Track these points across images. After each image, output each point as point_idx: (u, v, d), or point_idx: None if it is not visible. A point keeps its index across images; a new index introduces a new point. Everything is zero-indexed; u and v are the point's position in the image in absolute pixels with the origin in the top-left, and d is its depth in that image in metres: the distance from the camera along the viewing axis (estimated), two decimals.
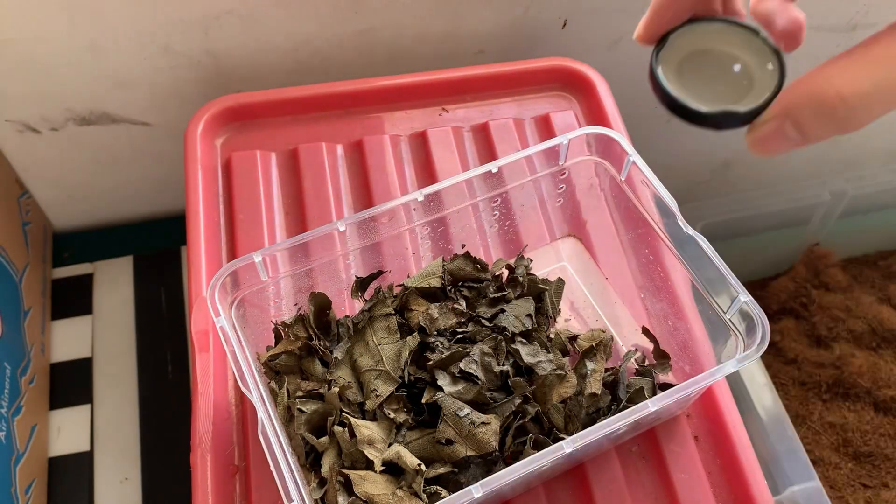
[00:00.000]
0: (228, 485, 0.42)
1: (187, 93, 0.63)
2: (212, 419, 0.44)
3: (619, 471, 0.44)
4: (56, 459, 0.61)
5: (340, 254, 0.45)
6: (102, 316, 0.68)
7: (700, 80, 0.30)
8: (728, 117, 0.29)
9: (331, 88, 0.58)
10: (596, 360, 0.42)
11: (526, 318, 0.45)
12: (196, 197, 0.52)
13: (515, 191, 0.48)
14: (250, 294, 0.43)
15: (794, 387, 0.73)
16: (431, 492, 0.38)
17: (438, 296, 0.46)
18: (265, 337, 0.45)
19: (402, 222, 0.45)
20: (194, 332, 0.42)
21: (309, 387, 0.41)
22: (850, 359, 0.73)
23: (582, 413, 0.41)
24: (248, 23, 0.58)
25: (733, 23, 0.30)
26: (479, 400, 0.40)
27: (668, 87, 0.30)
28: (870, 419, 0.69)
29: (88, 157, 0.67)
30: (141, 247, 0.72)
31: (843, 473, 0.67)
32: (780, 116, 0.27)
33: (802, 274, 0.82)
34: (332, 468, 0.39)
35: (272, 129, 0.57)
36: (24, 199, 0.67)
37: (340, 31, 0.61)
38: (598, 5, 0.65)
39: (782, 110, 0.27)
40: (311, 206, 0.53)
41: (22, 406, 0.58)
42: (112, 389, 0.65)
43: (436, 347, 0.42)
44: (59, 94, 0.60)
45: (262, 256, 0.41)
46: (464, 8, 0.62)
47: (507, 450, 0.40)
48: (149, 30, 0.57)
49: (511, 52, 0.67)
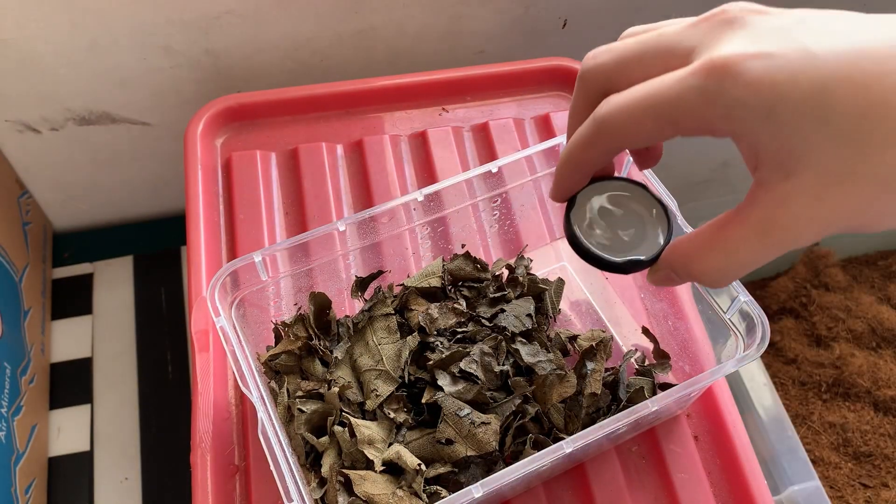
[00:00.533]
0: (228, 485, 0.42)
1: (187, 93, 0.63)
2: (212, 419, 0.44)
3: (619, 471, 0.44)
4: (56, 459, 0.61)
5: (340, 254, 0.45)
6: (102, 316, 0.68)
7: (607, 230, 0.36)
8: (635, 264, 0.35)
9: (331, 88, 0.58)
10: (596, 360, 0.42)
11: (526, 317, 0.45)
12: (196, 197, 0.52)
13: (515, 191, 0.48)
14: (250, 294, 0.43)
15: (794, 387, 0.73)
16: (431, 492, 0.38)
17: (438, 296, 0.46)
18: (265, 337, 0.45)
19: (402, 222, 0.45)
20: (194, 332, 0.42)
21: (309, 387, 0.41)
22: (850, 359, 0.73)
23: (582, 413, 0.41)
24: (248, 23, 0.58)
25: (626, 180, 0.37)
26: (480, 400, 0.40)
27: (584, 241, 0.35)
28: (870, 419, 0.69)
29: (88, 157, 0.67)
30: (141, 247, 0.72)
31: (843, 473, 0.67)
32: (666, 269, 0.33)
33: (802, 274, 0.82)
34: (333, 468, 0.39)
35: (272, 129, 0.57)
36: (24, 199, 0.67)
37: (340, 31, 0.61)
38: (598, 5, 0.65)
39: (667, 265, 0.33)
40: (311, 206, 0.53)
41: (22, 406, 0.58)
42: (112, 389, 0.65)
43: (436, 347, 0.42)
44: (59, 93, 0.60)
45: (262, 256, 0.41)
46: (464, 8, 0.62)
47: (506, 450, 0.40)
48: (149, 30, 0.57)
49: (511, 52, 0.67)
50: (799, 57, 0.25)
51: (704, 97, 0.26)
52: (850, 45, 0.25)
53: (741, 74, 0.25)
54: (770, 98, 0.25)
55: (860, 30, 0.25)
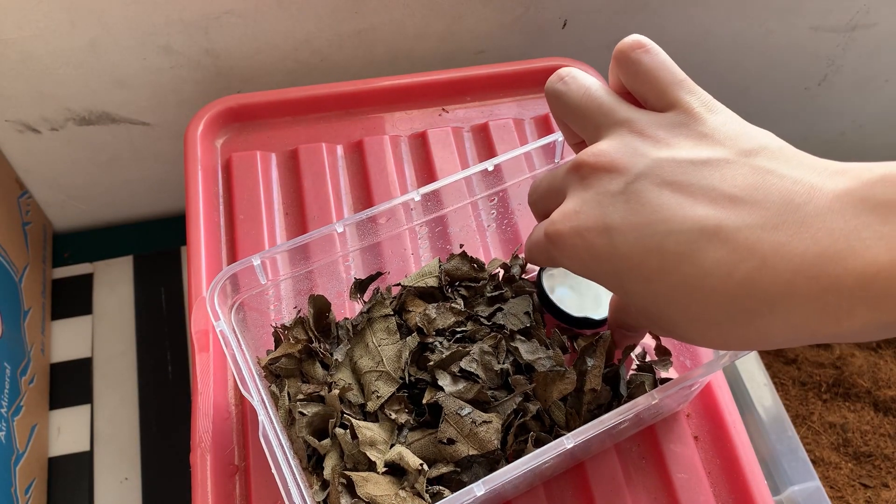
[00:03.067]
0: (228, 485, 0.42)
1: (187, 93, 0.63)
2: (212, 419, 0.44)
3: (619, 470, 0.44)
4: (56, 459, 0.61)
5: (339, 255, 0.45)
6: (102, 316, 0.68)
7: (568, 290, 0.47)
8: (588, 322, 0.45)
9: (331, 89, 0.58)
10: (595, 356, 0.42)
11: (524, 315, 0.45)
12: (196, 197, 0.52)
13: (513, 189, 0.48)
14: (249, 297, 0.43)
15: (794, 387, 0.73)
16: (434, 492, 0.38)
17: (436, 296, 0.46)
18: (265, 340, 0.45)
19: (401, 222, 0.45)
20: (194, 332, 0.42)
21: (309, 389, 0.41)
22: (850, 359, 0.73)
23: (583, 409, 0.41)
24: (248, 23, 0.58)
25: None
26: (481, 399, 0.40)
27: (552, 297, 0.46)
28: (870, 419, 0.69)
29: (88, 157, 0.67)
30: (141, 247, 0.72)
31: (843, 473, 0.67)
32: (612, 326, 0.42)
33: None
34: (335, 470, 0.39)
35: (272, 130, 0.57)
36: (24, 199, 0.67)
37: (340, 31, 0.61)
38: (598, 5, 0.65)
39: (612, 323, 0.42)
40: (311, 207, 0.53)
41: (22, 406, 0.58)
42: (112, 389, 0.65)
43: (435, 348, 0.42)
44: (59, 93, 0.60)
45: (261, 259, 0.41)
46: (464, 8, 0.62)
47: (509, 448, 0.40)
48: (149, 30, 0.57)
49: (511, 52, 0.67)
50: (604, 238, 0.31)
51: (548, 255, 0.34)
52: (654, 228, 0.30)
53: (563, 244, 0.33)
54: (584, 267, 0.33)
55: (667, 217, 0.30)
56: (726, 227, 0.28)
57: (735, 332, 0.29)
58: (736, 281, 0.27)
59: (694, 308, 0.29)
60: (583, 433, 0.36)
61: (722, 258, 0.28)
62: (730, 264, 0.27)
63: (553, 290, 0.46)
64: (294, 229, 0.53)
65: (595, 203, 0.31)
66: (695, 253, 0.28)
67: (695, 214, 0.29)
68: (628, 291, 0.31)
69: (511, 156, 0.45)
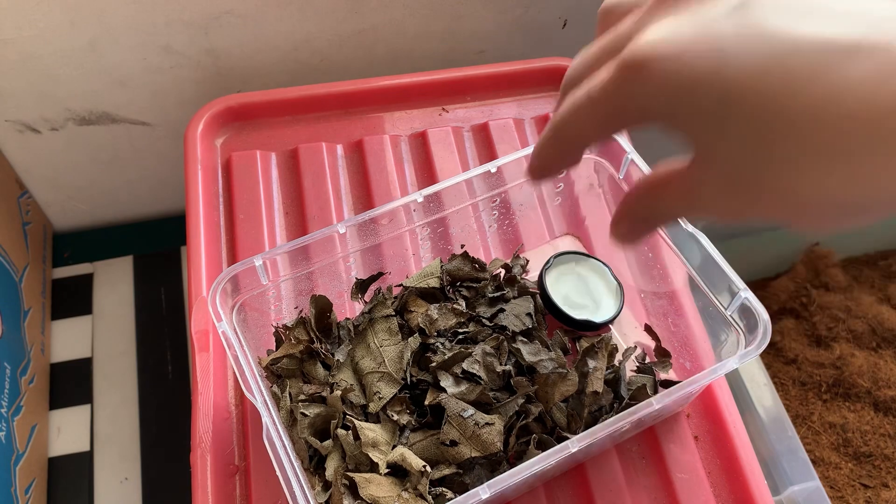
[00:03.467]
0: (228, 485, 0.42)
1: (187, 93, 0.63)
2: (212, 419, 0.44)
3: (619, 471, 0.44)
4: (56, 459, 0.61)
5: (340, 256, 0.45)
6: (102, 316, 0.68)
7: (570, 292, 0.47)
8: (588, 324, 0.46)
9: (331, 88, 0.58)
10: (597, 359, 0.42)
11: (526, 316, 0.45)
12: (196, 197, 0.52)
13: (514, 190, 0.48)
14: (251, 298, 0.43)
15: (794, 387, 0.73)
16: (437, 493, 0.38)
17: (438, 296, 0.46)
18: (266, 341, 0.45)
19: (402, 223, 0.45)
20: (194, 332, 0.42)
21: (311, 390, 0.41)
22: (850, 359, 0.73)
23: (584, 411, 0.41)
24: (248, 23, 0.58)
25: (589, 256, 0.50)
26: (483, 400, 0.40)
27: (554, 298, 0.46)
28: (870, 419, 0.69)
29: (88, 157, 0.67)
30: (141, 247, 0.72)
31: (843, 473, 0.67)
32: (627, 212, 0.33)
33: (802, 274, 0.82)
34: (337, 471, 0.39)
35: (272, 129, 0.57)
36: (24, 199, 0.67)
37: (340, 31, 0.61)
38: (598, 5, 0.64)
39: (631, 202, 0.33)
40: (311, 206, 0.53)
41: (22, 406, 0.58)
42: (112, 389, 0.65)
43: (437, 349, 0.42)
44: (59, 93, 0.60)
45: (263, 260, 0.41)
46: (464, 8, 0.62)
47: (510, 450, 0.40)
48: (149, 30, 0.57)
49: (511, 52, 0.67)
50: (713, 56, 0.25)
51: (618, 97, 0.26)
52: (775, 45, 0.24)
53: (648, 72, 0.25)
54: (673, 100, 0.25)
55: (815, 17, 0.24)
56: (867, 43, 0.24)
57: (867, 170, 0.24)
58: (883, 98, 0.23)
59: (820, 137, 0.24)
60: (587, 438, 0.36)
61: (865, 74, 0.24)
62: (876, 80, 0.23)
63: (555, 291, 0.47)
64: (294, 229, 0.53)
65: (696, 23, 0.26)
66: (829, 71, 0.24)
67: (823, 31, 0.24)
68: (726, 133, 0.25)
69: (513, 157, 0.45)
